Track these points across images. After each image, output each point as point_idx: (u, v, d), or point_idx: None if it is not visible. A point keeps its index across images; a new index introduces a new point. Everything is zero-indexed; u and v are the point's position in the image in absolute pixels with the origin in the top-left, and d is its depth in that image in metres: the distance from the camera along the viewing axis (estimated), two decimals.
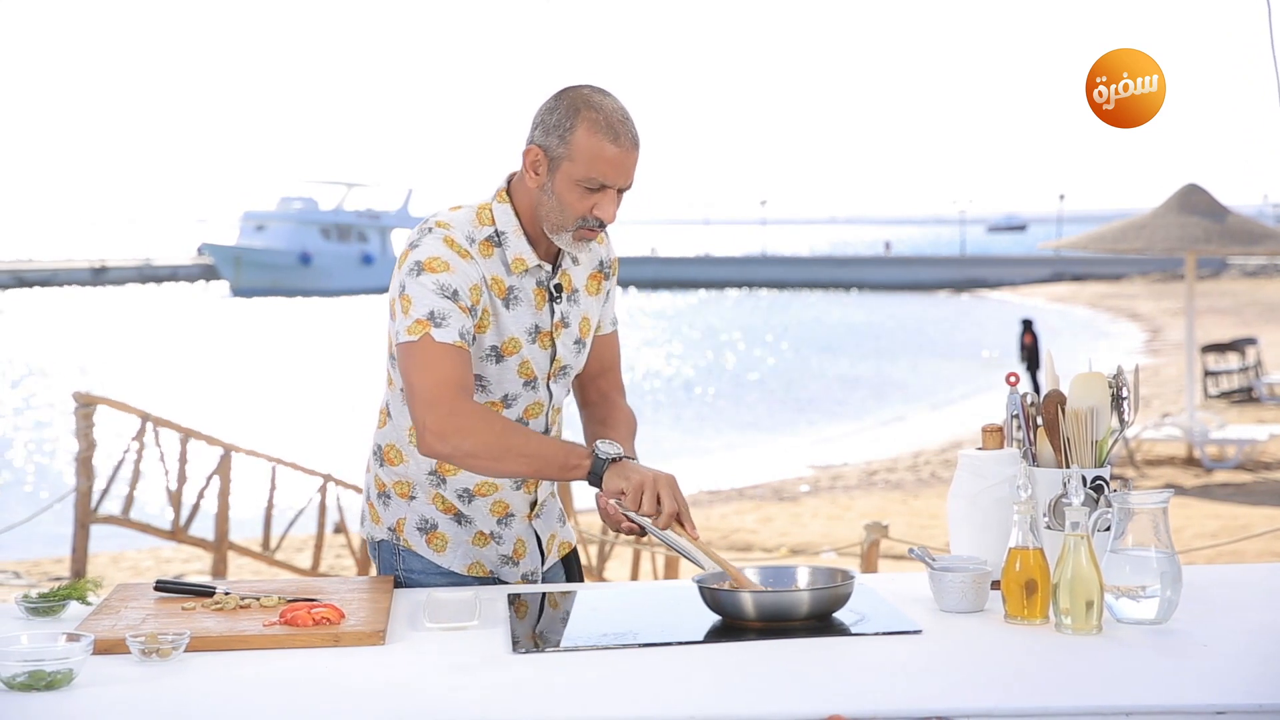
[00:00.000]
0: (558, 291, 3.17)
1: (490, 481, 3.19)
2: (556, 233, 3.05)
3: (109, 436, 10.33)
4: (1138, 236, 15.00)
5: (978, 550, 2.98)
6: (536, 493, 3.27)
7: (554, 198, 3.02)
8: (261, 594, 2.90)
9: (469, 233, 3.07)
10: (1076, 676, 2.41)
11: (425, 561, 3.23)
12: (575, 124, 2.97)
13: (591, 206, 3.01)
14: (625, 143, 2.98)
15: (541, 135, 3.02)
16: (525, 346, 3.13)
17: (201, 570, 11.30)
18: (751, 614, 2.72)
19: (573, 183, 2.99)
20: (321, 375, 30.80)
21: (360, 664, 2.52)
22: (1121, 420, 2.98)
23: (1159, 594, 2.68)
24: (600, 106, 2.98)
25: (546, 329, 3.16)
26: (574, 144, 2.97)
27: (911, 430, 22.67)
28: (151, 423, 9.98)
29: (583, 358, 3.27)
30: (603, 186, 2.99)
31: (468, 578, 3.23)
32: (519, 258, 3.09)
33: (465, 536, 3.23)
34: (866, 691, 2.34)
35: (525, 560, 3.28)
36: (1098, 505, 2.90)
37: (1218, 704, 2.27)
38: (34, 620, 2.82)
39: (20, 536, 11.29)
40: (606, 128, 2.97)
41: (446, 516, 3.22)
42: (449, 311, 2.98)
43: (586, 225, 3.03)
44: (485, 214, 3.11)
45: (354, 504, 11.20)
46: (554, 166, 3.00)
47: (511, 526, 3.25)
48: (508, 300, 3.10)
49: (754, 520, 13.68)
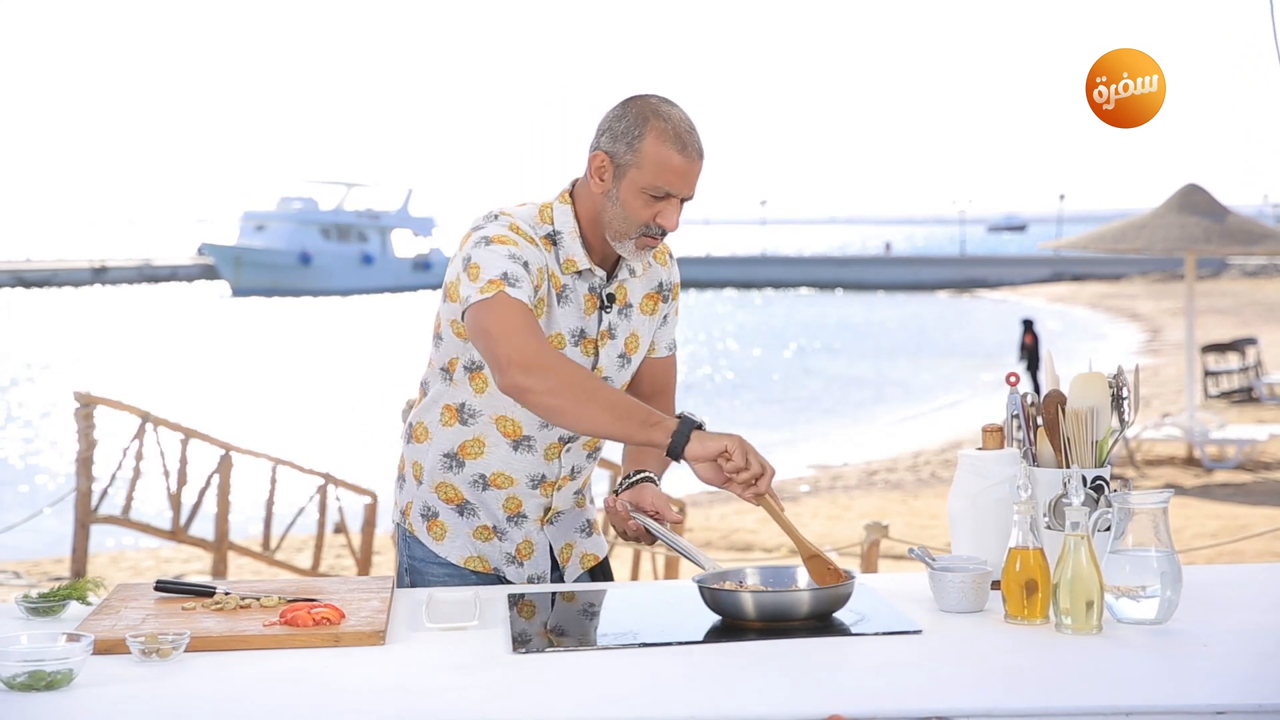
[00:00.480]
0: (609, 301, 3.18)
1: (506, 475, 3.19)
2: (619, 240, 3.07)
3: (109, 436, 10.32)
4: (1138, 236, 15.00)
5: (978, 550, 2.98)
6: (553, 498, 3.26)
7: (619, 204, 3.04)
8: (262, 594, 2.90)
9: (530, 226, 3.11)
10: (1077, 676, 2.41)
11: (426, 550, 3.26)
12: (644, 132, 3.00)
13: (655, 215, 3.03)
14: (691, 153, 3.01)
15: (609, 142, 3.04)
16: (568, 347, 3.13)
17: (201, 570, 11.30)
18: (751, 614, 2.72)
19: (638, 190, 3.01)
20: (321, 375, 30.80)
21: (360, 664, 2.52)
22: (1122, 420, 2.98)
23: (1159, 594, 2.68)
24: (668, 116, 3.01)
25: (592, 336, 3.16)
26: (641, 152, 3.00)
27: (911, 430, 22.67)
28: (152, 423, 9.98)
29: (626, 373, 3.25)
30: (667, 195, 3.02)
31: (467, 571, 3.24)
32: (570, 259, 3.11)
33: (466, 528, 3.24)
34: (866, 691, 2.34)
35: (531, 562, 3.27)
36: (1098, 505, 2.90)
37: (1218, 704, 2.27)
38: (34, 620, 2.82)
39: (20, 536, 11.29)
40: (674, 137, 2.99)
41: (448, 506, 3.23)
42: (521, 276, 3.00)
43: (649, 233, 3.05)
44: (546, 212, 3.14)
45: (354, 504, 11.20)
46: (620, 174, 3.03)
47: (521, 527, 3.25)
48: (560, 297, 3.12)
49: (754, 520, 13.68)
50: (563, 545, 3.32)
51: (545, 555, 3.29)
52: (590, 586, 3.21)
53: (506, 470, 3.20)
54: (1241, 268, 53.27)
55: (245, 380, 29.92)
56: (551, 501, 3.27)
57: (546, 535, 3.28)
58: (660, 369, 3.36)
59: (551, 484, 3.24)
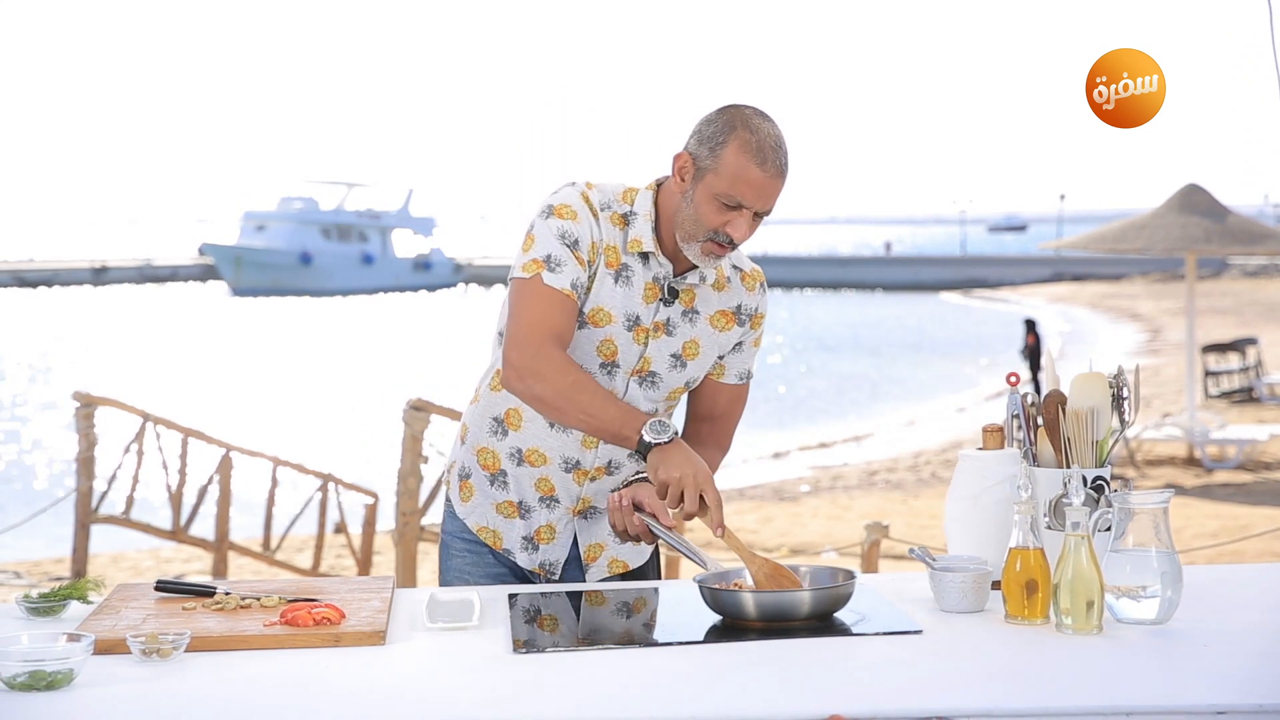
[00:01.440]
0: (672, 295, 3.18)
1: (540, 452, 3.21)
2: (687, 241, 3.09)
3: (110, 437, 10.33)
4: (1138, 236, 15.00)
5: (978, 550, 2.98)
6: (585, 488, 3.26)
7: (692, 206, 3.06)
8: (262, 594, 2.90)
9: (607, 200, 3.16)
10: (1077, 676, 2.41)
11: (456, 521, 3.32)
12: (727, 140, 3.01)
13: (725, 223, 3.04)
14: (771, 169, 3.01)
15: (695, 144, 3.07)
16: (616, 327, 3.14)
17: (202, 570, 11.30)
18: (752, 614, 2.72)
19: (712, 196, 3.03)
20: (322, 375, 30.80)
21: (361, 664, 2.52)
22: (1122, 420, 2.98)
23: (1159, 594, 2.68)
24: (756, 129, 3.02)
25: (646, 324, 3.17)
26: (722, 159, 3.01)
27: (912, 430, 22.66)
28: (152, 423, 9.99)
29: (679, 377, 3.24)
30: (740, 206, 3.02)
31: (480, 542, 3.28)
32: (637, 239, 3.14)
33: (491, 499, 3.27)
34: (867, 691, 2.34)
35: (548, 548, 3.27)
36: (1098, 505, 2.90)
37: (1218, 704, 2.27)
38: (34, 620, 2.82)
39: (21, 536, 11.30)
40: (756, 150, 3.00)
41: (483, 472, 3.27)
42: (565, 260, 3.06)
43: (716, 240, 3.06)
44: (630, 195, 3.19)
45: (354, 504, 11.20)
46: (699, 176, 3.04)
47: (553, 511, 3.26)
48: (617, 275, 3.14)
49: (754, 520, 13.68)
50: (591, 544, 3.31)
51: (566, 546, 3.28)
52: (591, 586, 3.20)
53: (541, 448, 3.21)
54: (1242, 268, 53.26)
55: (246, 380, 29.92)
56: (584, 491, 3.26)
57: (575, 526, 3.29)
58: (726, 395, 3.34)
59: (585, 473, 3.24)
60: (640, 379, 3.20)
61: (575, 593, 3.11)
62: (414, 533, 8.19)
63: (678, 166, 3.10)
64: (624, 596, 3.08)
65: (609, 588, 3.18)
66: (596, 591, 3.13)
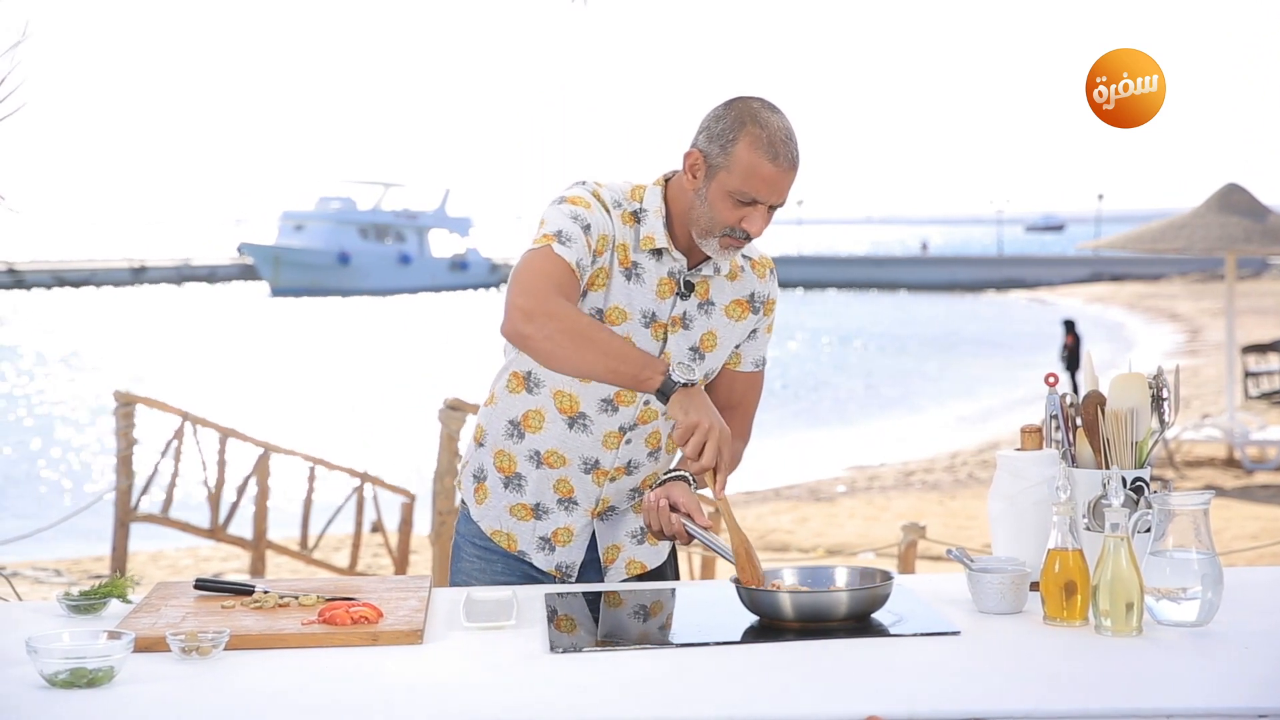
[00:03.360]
0: (688, 289, 3.18)
1: (560, 454, 3.19)
2: (703, 237, 3.09)
3: (149, 436, 10.38)
4: (1177, 236, 14.91)
5: (1016, 551, 2.96)
6: (605, 488, 3.25)
7: (706, 204, 3.05)
8: (300, 593, 2.91)
9: (617, 198, 3.16)
10: (1116, 679, 2.40)
11: (470, 523, 3.30)
12: (738, 137, 3.00)
13: (741, 219, 3.04)
14: (783, 163, 3.00)
15: (705, 141, 3.05)
16: (634, 324, 3.13)
17: (240, 569, 11.36)
18: (789, 614, 2.71)
19: (726, 193, 3.02)
20: (359, 375, 30.90)
21: (398, 663, 2.53)
22: (1162, 421, 2.96)
23: (1200, 596, 2.66)
24: (766, 123, 3.00)
25: (663, 320, 3.17)
26: (733, 156, 3.00)
27: (948, 431, 22.59)
28: (190, 422, 10.05)
29: (696, 371, 3.20)
30: (754, 201, 3.02)
31: (493, 546, 3.27)
32: (649, 235, 3.13)
33: (506, 501, 3.26)
34: (904, 693, 2.33)
35: (564, 550, 3.26)
36: (1137, 507, 2.88)
37: (1259, 707, 2.26)
38: (75, 618, 2.84)
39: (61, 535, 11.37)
40: (768, 145, 2.99)
41: (498, 475, 3.26)
42: (576, 236, 3.04)
43: (732, 235, 3.06)
44: (639, 192, 3.18)
45: (391, 503, 11.24)
46: (711, 174, 3.04)
47: (571, 513, 3.25)
48: (629, 273, 3.13)
49: (790, 520, 13.66)
50: (609, 545, 3.30)
51: (582, 548, 3.27)
52: (628, 587, 3.20)
53: (560, 449, 3.20)
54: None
55: (283, 380, 30.05)
56: (603, 492, 3.25)
57: (593, 527, 3.28)
58: (743, 383, 3.33)
59: (605, 473, 3.23)
60: None
61: (611, 593, 3.11)
62: (450, 532, 8.20)
63: (689, 164, 3.08)
64: (659, 597, 3.08)
65: (642, 588, 3.17)
66: (629, 592, 3.13)
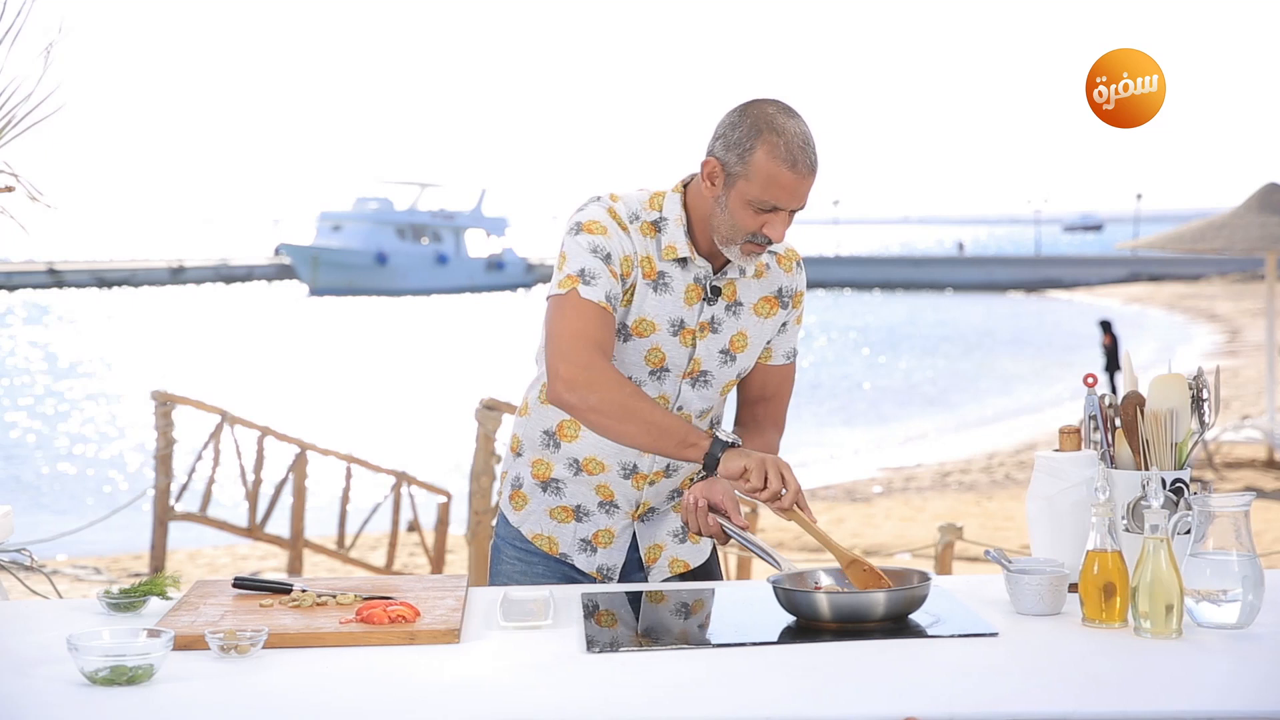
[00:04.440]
0: (715, 294, 3.17)
1: (598, 460, 3.21)
2: (726, 244, 3.08)
3: (187, 435, 10.45)
4: (1217, 236, 14.83)
5: (1054, 552, 2.95)
6: (644, 492, 3.26)
7: (727, 211, 3.04)
8: (338, 591, 2.92)
9: (634, 211, 3.14)
10: (1156, 681, 2.38)
11: (509, 527, 3.32)
12: (756, 145, 2.98)
13: (762, 225, 3.03)
14: (803, 169, 2.99)
15: (722, 149, 3.03)
16: (661, 334, 3.14)
17: (277, 567, 11.41)
18: (827, 615, 2.71)
19: (746, 201, 3.01)
20: (396, 374, 31.00)
21: (435, 662, 2.54)
22: (1202, 422, 2.94)
23: (1240, 598, 2.65)
24: (783, 130, 2.98)
25: (691, 326, 3.16)
26: (752, 165, 2.98)
27: (985, 431, 22.51)
28: (229, 421, 10.10)
29: (730, 371, 3.24)
30: (774, 208, 3.01)
31: (534, 549, 3.27)
32: (671, 245, 3.12)
33: (544, 506, 3.26)
34: (942, 694, 2.32)
35: (606, 552, 3.27)
36: (1177, 508, 2.87)
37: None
38: (115, 616, 2.86)
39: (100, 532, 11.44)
40: (786, 153, 2.97)
41: (535, 482, 3.27)
42: (599, 272, 3.04)
43: (755, 241, 3.05)
44: (657, 200, 3.16)
45: (428, 503, 11.27)
46: (730, 182, 3.02)
47: (612, 516, 3.25)
48: (656, 285, 3.13)
49: (826, 521, 13.63)
50: (650, 545, 3.31)
51: (623, 549, 3.28)
52: (665, 587, 3.20)
53: (598, 456, 3.21)
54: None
55: (321, 379, 30.16)
56: (643, 496, 3.26)
57: (634, 529, 3.29)
58: (775, 376, 3.33)
59: (644, 477, 3.24)
60: (692, 380, 3.20)
61: (648, 592, 3.11)
62: (487, 531, 8.22)
63: (706, 172, 3.06)
64: (696, 597, 3.07)
65: (678, 588, 3.17)
66: (666, 591, 3.13)
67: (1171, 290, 50.23)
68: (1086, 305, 48.50)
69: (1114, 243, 30.31)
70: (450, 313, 50.10)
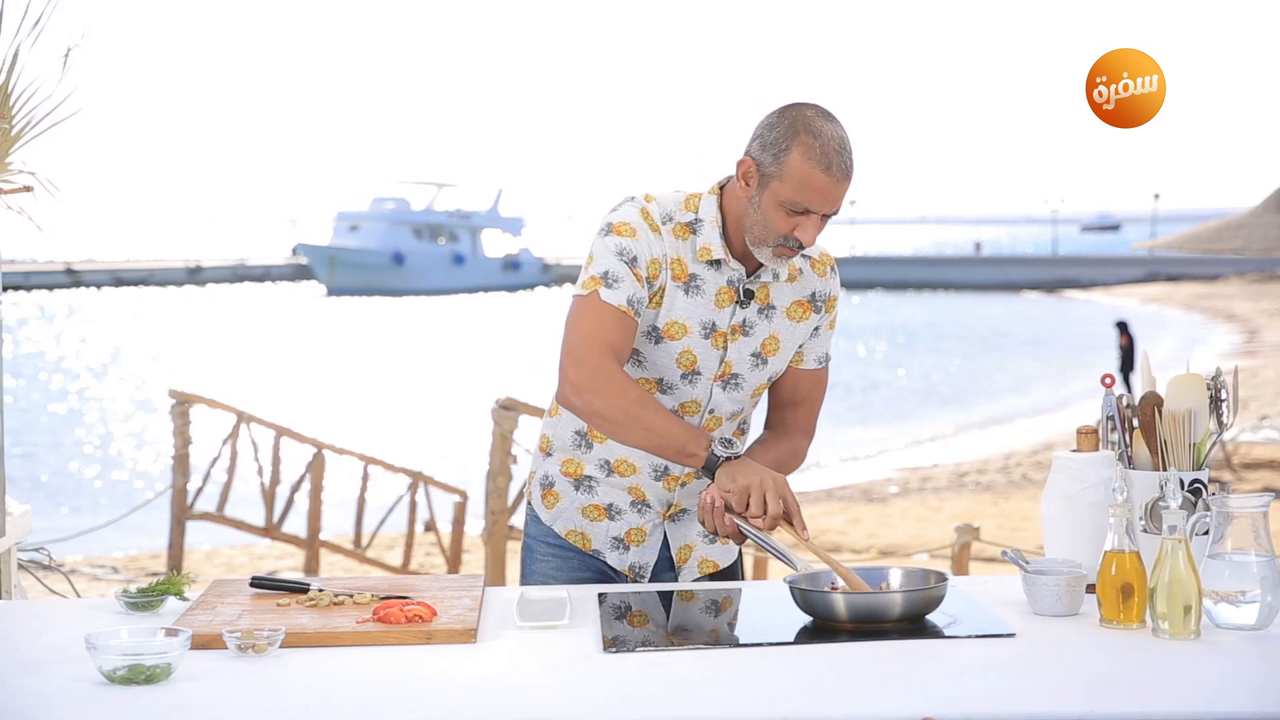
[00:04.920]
0: (748, 297, 3.17)
1: (630, 462, 3.21)
2: (757, 246, 3.08)
3: (204, 434, 10.47)
4: (1235, 236, 14.78)
5: (1072, 553, 2.95)
6: (676, 493, 3.26)
7: (759, 212, 3.04)
8: (355, 591, 2.93)
9: (669, 212, 3.14)
10: (1174, 682, 2.38)
11: (541, 526, 3.32)
12: (791, 146, 2.98)
13: (793, 228, 3.02)
14: (837, 173, 2.98)
15: (758, 150, 3.04)
16: (693, 337, 3.14)
17: (294, 566, 11.43)
18: (844, 615, 2.70)
19: (778, 203, 3.01)
20: (413, 374, 31.04)
21: (452, 661, 2.54)
22: (1220, 423, 2.93)
23: (1259, 599, 2.64)
24: (819, 133, 2.98)
25: (723, 329, 3.16)
26: (786, 166, 2.98)
27: (1002, 431, 22.48)
28: (245, 421, 10.12)
29: (762, 374, 3.23)
30: (807, 211, 3.01)
31: (568, 545, 3.28)
32: (705, 246, 3.12)
33: (577, 504, 3.27)
34: (959, 694, 2.32)
35: (638, 550, 3.27)
36: (1195, 509, 2.86)
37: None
38: (133, 615, 2.87)
39: (118, 532, 11.48)
40: (821, 156, 2.97)
41: (566, 479, 3.28)
42: (623, 276, 3.05)
43: (786, 244, 3.05)
44: (693, 201, 3.16)
45: (444, 503, 11.27)
46: (764, 183, 3.02)
47: (644, 515, 3.26)
48: (687, 287, 3.12)
49: (842, 521, 13.62)
50: (681, 545, 3.31)
51: (655, 548, 3.28)
52: (682, 586, 3.20)
53: (629, 458, 3.22)
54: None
55: (338, 379, 30.22)
56: (675, 497, 3.27)
57: (665, 529, 3.29)
58: (807, 380, 3.33)
59: (675, 479, 3.24)
60: (724, 383, 3.20)
61: (664, 592, 3.11)
62: (503, 531, 8.23)
63: (742, 172, 3.07)
64: (713, 596, 3.07)
65: (697, 587, 3.17)
66: (685, 591, 3.13)
67: (1189, 290, 50.10)
68: (1104, 305, 48.40)
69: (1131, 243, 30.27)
70: (467, 313, 50.16)
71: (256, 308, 53.14)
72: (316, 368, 32.34)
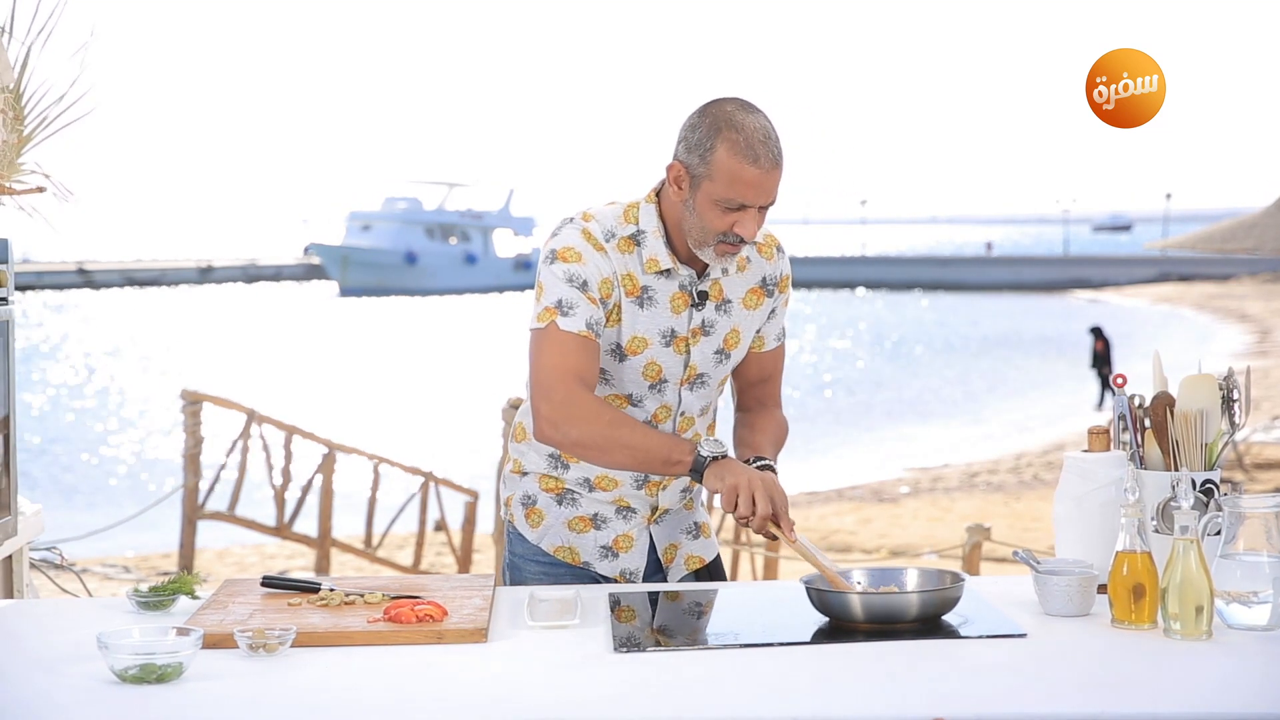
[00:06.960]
0: (702, 299, 3.17)
1: (610, 476, 3.21)
2: (699, 247, 3.07)
3: (216, 434, 10.48)
4: (1247, 236, 14.74)
5: (1083, 553, 2.94)
6: (659, 497, 3.27)
7: (695, 215, 3.03)
8: (365, 590, 2.93)
9: (610, 228, 3.12)
10: (1185, 683, 2.38)
11: (525, 544, 3.29)
12: (716, 144, 2.97)
13: (732, 224, 3.01)
14: (765, 164, 2.97)
15: (684, 152, 3.03)
16: (655, 348, 3.14)
17: (304, 566, 11.44)
18: (859, 616, 2.70)
19: (712, 202, 3.00)
20: (425, 374, 31.06)
21: (463, 661, 2.54)
22: (1232, 423, 2.93)
23: (1271, 600, 2.63)
24: (742, 126, 2.97)
25: (683, 334, 3.16)
26: (714, 164, 2.97)
27: (1013, 432, 22.45)
28: (257, 421, 10.13)
29: (724, 369, 3.24)
30: (742, 206, 3.00)
31: (557, 562, 3.26)
32: (653, 258, 3.11)
33: (562, 518, 3.26)
34: (971, 694, 2.32)
35: (627, 556, 3.27)
36: (1207, 509, 2.85)
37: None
38: (144, 614, 2.87)
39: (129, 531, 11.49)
40: (746, 149, 2.96)
41: (548, 495, 3.26)
42: (577, 301, 3.04)
43: (727, 241, 3.04)
44: (632, 212, 3.14)
45: (455, 502, 11.28)
46: (695, 184, 3.01)
47: (629, 521, 3.26)
48: (641, 300, 3.12)
49: (853, 521, 13.61)
50: (667, 545, 3.31)
51: (643, 552, 3.28)
52: (694, 586, 3.20)
53: (610, 473, 3.22)
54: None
55: (349, 379, 30.24)
56: (658, 501, 3.27)
57: (650, 533, 3.29)
58: (769, 359, 3.35)
59: (656, 483, 3.25)
60: (690, 385, 3.21)
61: (673, 592, 3.11)
62: None
63: (672, 176, 3.06)
64: (726, 596, 3.07)
65: (709, 587, 3.17)
66: (696, 590, 3.13)
67: (1201, 290, 50.00)
68: (1116, 306, 48.32)
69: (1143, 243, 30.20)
70: (479, 312, 50.18)
71: (268, 307, 53.20)
72: (328, 367, 32.38)
